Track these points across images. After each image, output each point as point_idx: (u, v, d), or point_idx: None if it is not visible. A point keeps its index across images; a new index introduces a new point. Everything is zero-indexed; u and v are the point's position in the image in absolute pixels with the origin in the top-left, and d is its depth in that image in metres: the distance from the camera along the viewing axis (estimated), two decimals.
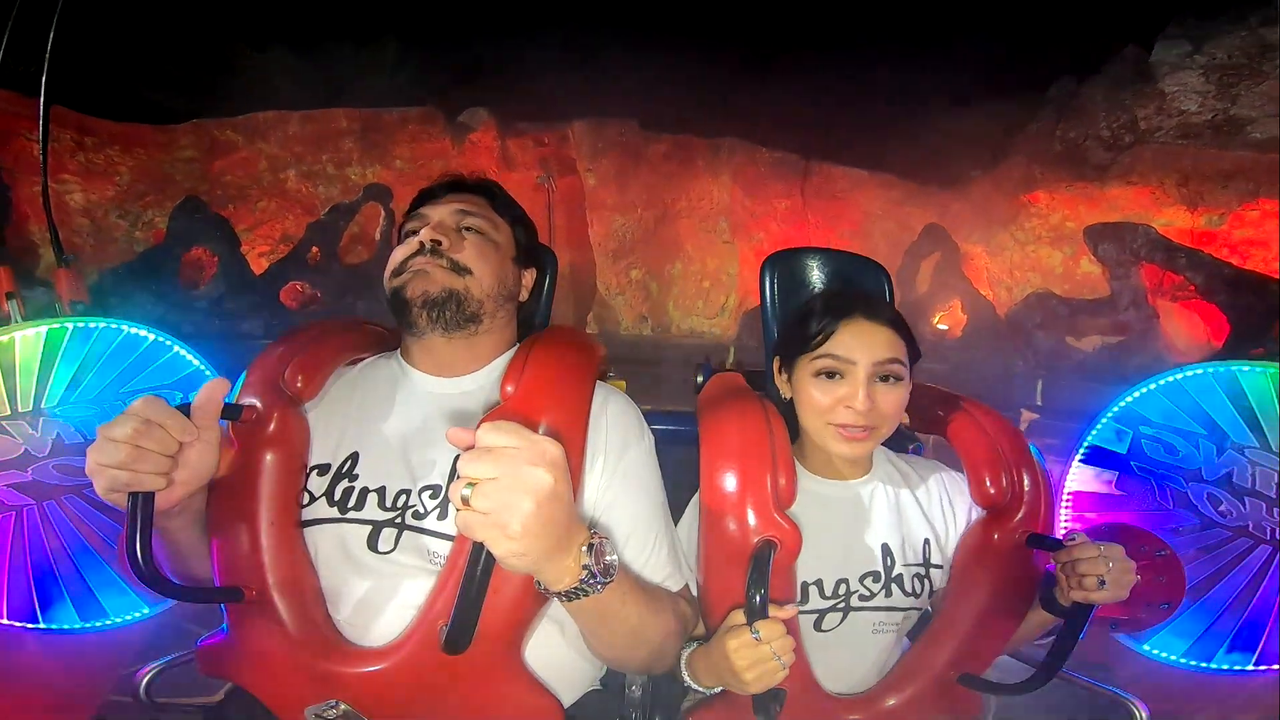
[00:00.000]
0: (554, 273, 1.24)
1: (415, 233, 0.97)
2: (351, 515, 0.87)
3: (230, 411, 0.84)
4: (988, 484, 1.05)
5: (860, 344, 0.96)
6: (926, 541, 1.05)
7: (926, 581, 1.03)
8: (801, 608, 0.98)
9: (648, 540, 0.91)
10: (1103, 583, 0.87)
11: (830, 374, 0.97)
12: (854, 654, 1.00)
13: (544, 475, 0.63)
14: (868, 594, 1.00)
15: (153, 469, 0.74)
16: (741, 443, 0.97)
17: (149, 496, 0.74)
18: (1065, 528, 1.73)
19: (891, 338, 0.98)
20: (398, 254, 0.96)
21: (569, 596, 0.72)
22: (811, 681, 0.96)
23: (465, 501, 0.62)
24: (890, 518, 1.04)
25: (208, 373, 1.74)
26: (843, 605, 0.99)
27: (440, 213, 0.98)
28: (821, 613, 0.99)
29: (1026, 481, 1.05)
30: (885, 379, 0.97)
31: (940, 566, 1.05)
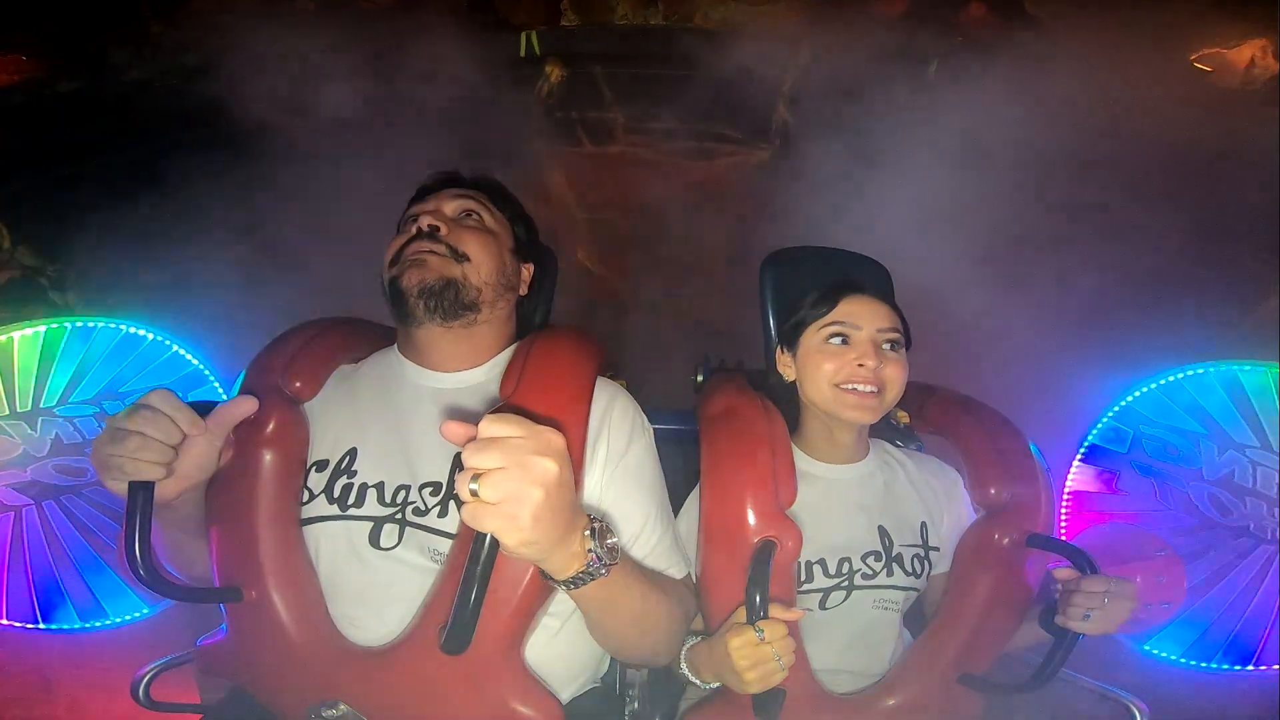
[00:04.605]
0: (555, 271, 1.24)
1: (414, 221, 0.97)
2: (352, 512, 0.87)
3: None
4: (988, 484, 1.05)
5: (864, 312, 1.04)
6: (923, 525, 1.08)
7: (926, 563, 1.06)
8: (807, 586, 1.00)
9: (652, 532, 0.92)
10: (1088, 615, 0.90)
11: (837, 339, 1.03)
12: (856, 631, 1.02)
13: (550, 464, 0.63)
14: (870, 573, 1.02)
15: (154, 457, 0.75)
16: (742, 442, 0.98)
17: (149, 491, 0.75)
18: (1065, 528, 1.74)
19: (891, 312, 1.05)
20: (395, 243, 0.96)
21: (576, 583, 0.72)
22: (812, 681, 0.96)
23: (473, 493, 0.62)
24: (887, 500, 1.07)
25: (207, 372, 1.74)
26: (846, 584, 1.01)
27: (438, 202, 0.99)
28: (826, 591, 1.01)
29: (1027, 481, 1.05)
30: (887, 347, 1.03)
31: (938, 549, 1.08)
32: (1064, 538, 1.46)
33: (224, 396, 1.46)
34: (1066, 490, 1.75)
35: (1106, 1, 2.76)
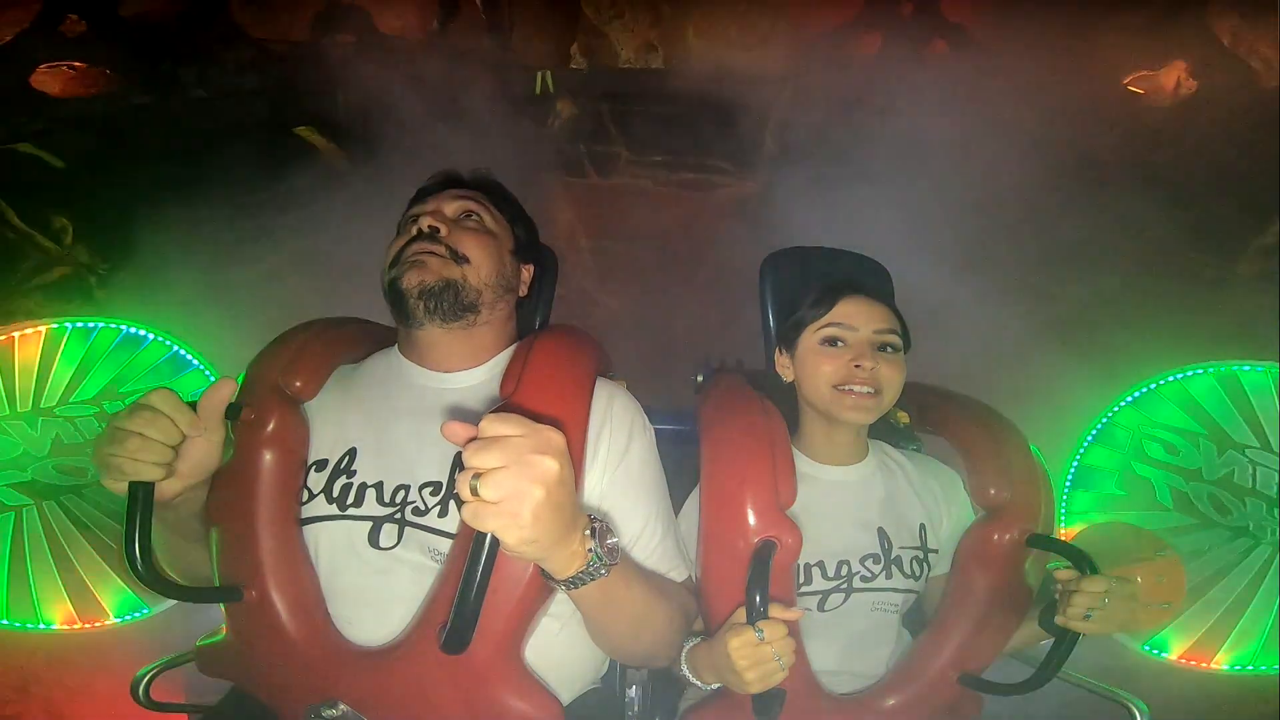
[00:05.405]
0: (554, 272, 1.24)
1: (414, 222, 0.97)
2: (351, 512, 0.88)
3: (230, 411, 0.84)
4: (988, 484, 1.05)
5: (861, 313, 1.03)
6: (922, 526, 1.07)
7: (925, 565, 1.06)
8: (805, 589, 1.00)
9: (654, 534, 0.92)
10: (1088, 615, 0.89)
11: (834, 341, 1.03)
12: (855, 633, 1.02)
13: (551, 462, 0.63)
14: (869, 575, 1.02)
15: (154, 458, 0.75)
16: (742, 442, 0.98)
17: (149, 491, 0.75)
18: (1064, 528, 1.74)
19: (889, 313, 1.05)
20: (395, 244, 0.96)
21: (576, 582, 0.72)
22: (812, 682, 0.96)
23: (474, 492, 0.61)
24: (886, 501, 1.07)
25: (207, 372, 1.74)
26: (845, 586, 1.01)
27: (438, 203, 0.99)
28: (825, 594, 1.00)
29: (1027, 481, 1.05)
30: (884, 349, 1.02)
31: (936, 551, 1.08)
32: (1064, 538, 1.46)
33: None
34: (1066, 490, 1.75)
35: (1046, 30, 2.95)
